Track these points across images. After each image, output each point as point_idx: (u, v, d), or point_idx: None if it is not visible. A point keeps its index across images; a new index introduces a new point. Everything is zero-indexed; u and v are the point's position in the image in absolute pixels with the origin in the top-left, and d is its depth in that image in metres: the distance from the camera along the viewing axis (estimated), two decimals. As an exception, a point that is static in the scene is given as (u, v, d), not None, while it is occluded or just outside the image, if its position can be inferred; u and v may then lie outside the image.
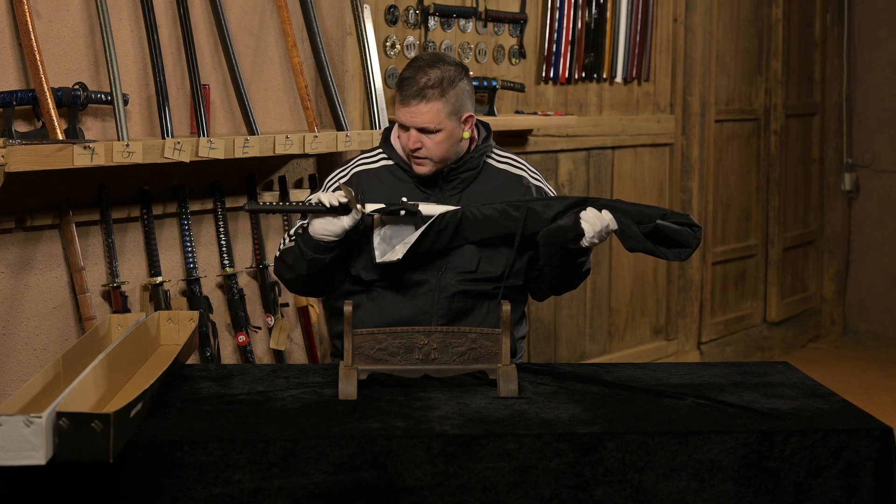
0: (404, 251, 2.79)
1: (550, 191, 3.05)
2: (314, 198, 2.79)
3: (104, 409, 2.34)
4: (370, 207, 2.81)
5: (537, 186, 3.02)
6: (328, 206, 2.75)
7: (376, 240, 2.83)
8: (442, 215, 2.83)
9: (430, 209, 2.84)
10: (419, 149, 2.88)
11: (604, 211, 2.77)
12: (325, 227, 2.79)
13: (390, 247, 2.82)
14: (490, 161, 3.01)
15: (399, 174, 2.97)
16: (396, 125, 2.98)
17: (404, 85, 2.87)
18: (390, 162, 2.99)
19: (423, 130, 2.87)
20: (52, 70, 3.14)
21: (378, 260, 2.82)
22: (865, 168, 6.99)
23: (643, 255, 2.88)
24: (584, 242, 2.77)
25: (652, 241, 2.77)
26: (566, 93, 5.01)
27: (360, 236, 2.89)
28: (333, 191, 2.93)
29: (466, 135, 2.93)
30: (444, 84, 2.85)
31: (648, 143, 5.49)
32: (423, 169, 2.92)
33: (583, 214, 2.76)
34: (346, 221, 2.78)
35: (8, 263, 3.17)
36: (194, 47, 3.45)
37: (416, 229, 2.81)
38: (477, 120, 3.03)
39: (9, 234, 3.17)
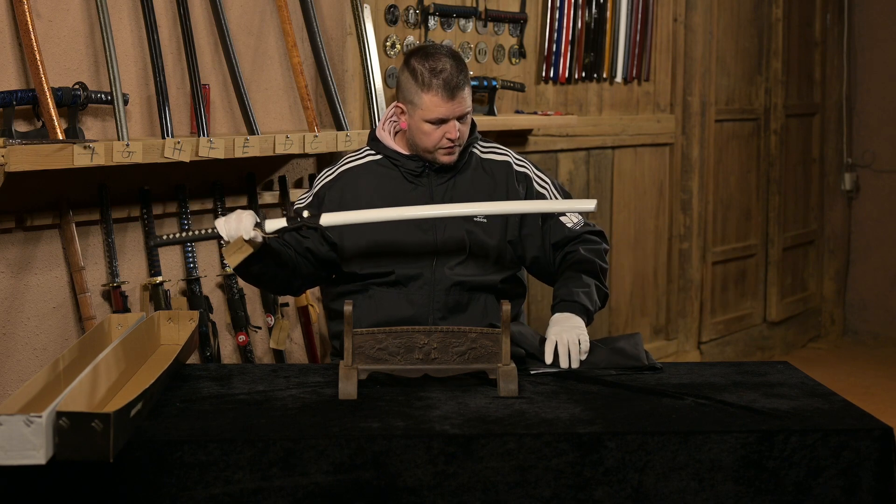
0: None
1: (538, 175, 3.06)
2: (218, 223, 2.73)
3: (104, 409, 2.34)
4: (270, 228, 2.74)
5: (522, 172, 3.03)
6: (225, 236, 2.71)
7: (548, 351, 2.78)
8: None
9: (331, 219, 2.76)
10: (459, 137, 2.91)
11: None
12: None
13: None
14: (475, 151, 3.05)
15: (387, 165, 3.01)
16: (383, 124, 3.02)
17: (441, 79, 2.86)
18: (377, 156, 3.03)
19: (460, 118, 2.90)
20: (52, 70, 3.14)
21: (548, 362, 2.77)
22: (865, 168, 6.99)
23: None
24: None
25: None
26: (566, 93, 5.01)
27: (351, 235, 2.90)
28: (314, 201, 2.98)
29: None
30: (464, 67, 2.91)
31: (648, 142, 5.49)
32: (453, 157, 2.95)
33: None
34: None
35: (8, 263, 3.17)
36: (194, 47, 3.45)
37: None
38: None
39: (9, 234, 3.17)
